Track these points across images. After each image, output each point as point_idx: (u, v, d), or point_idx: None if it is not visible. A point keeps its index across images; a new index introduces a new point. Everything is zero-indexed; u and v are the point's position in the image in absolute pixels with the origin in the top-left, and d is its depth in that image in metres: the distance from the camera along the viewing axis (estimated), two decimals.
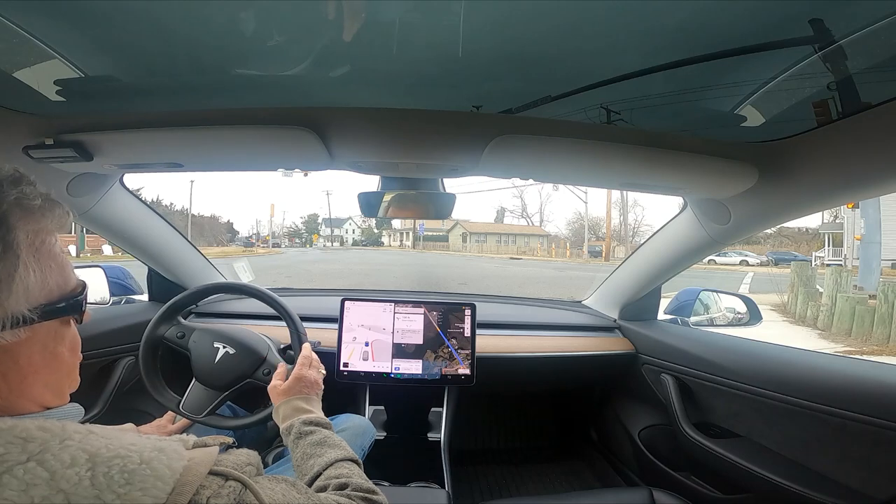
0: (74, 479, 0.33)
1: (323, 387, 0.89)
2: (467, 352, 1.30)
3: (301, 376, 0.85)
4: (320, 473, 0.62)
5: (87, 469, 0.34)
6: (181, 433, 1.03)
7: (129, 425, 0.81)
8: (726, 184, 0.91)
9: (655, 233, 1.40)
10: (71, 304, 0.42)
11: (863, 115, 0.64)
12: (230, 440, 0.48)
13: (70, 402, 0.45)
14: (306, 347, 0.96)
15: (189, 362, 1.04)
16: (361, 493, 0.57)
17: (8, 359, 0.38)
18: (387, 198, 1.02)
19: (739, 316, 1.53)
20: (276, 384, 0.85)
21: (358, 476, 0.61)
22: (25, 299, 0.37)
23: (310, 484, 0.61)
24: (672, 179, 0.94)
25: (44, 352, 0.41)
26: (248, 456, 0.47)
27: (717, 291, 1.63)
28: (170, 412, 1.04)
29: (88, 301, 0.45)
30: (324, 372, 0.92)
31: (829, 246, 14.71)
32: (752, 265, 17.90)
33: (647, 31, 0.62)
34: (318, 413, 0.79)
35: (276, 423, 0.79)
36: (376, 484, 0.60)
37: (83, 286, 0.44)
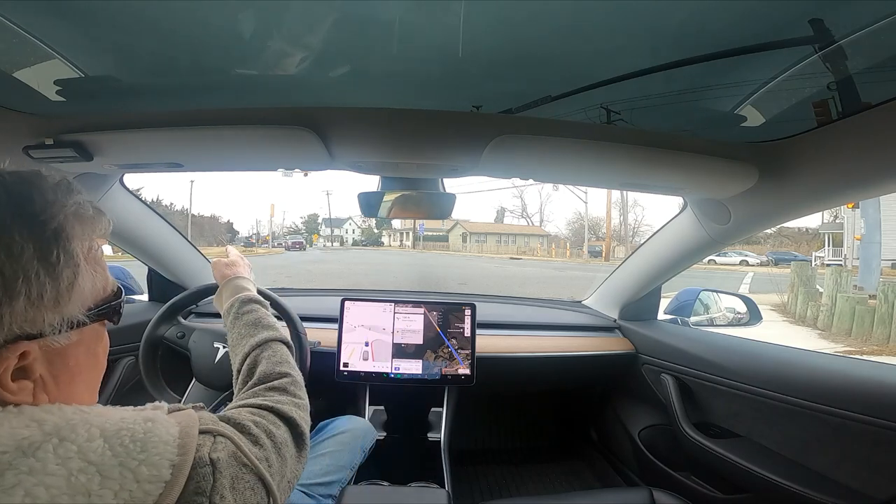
0: (98, 450, 0.35)
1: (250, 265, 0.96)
2: (467, 352, 1.30)
3: (239, 255, 0.94)
4: (249, 353, 0.66)
5: (103, 441, 0.36)
6: None
7: None
8: (726, 184, 0.91)
9: (655, 233, 1.40)
10: (113, 306, 0.44)
11: (863, 115, 0.64)
12: (200, 404, 0.50)
13: None
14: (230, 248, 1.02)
15: (189, 362, 1.04)
16: (269, 385, 0.59)
17: (60, 361, 0.40)
18: (387, 198, 1.02)
19: (739, 316, 1.53)
20: (217, 260, 0.92)
21: (275, 359, 0.65)
22: (81, 303, 0.40)
23: (240, 365, 0.66)
24: (672, 179, 0.94)
25: (88, 353, 0.43)
26: (213, 417, 0.48)
27: (717, 291, 1.63)
28: None
29: None
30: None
31: (829, 246, 14.71)
32: (752, 265, 17.90)
33: (647, 32, 0.62)
34: (254, 292, 0.84)
35: (218, 305, 0.85)
36: (376, 484, 0.60)
37: (120, 288, 0.46)
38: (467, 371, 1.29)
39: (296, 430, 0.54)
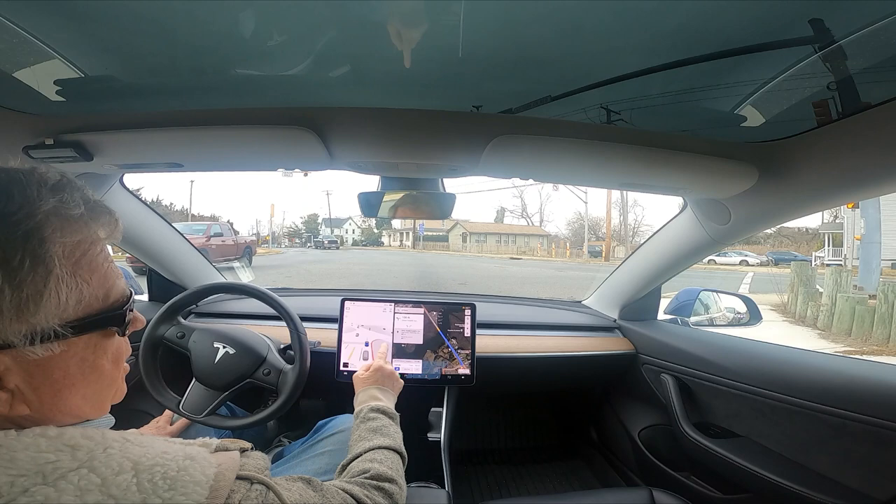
0: (123, 485, 0.34)
1: (402, 383, 1.01)
2: (467, 352, 1.30)
3: (379, 367, 0.98)
4: (360, 455, 0.67)
5: (133, 476, 0.35)
6: (179, 434, 1.03)
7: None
8: (726, 184, 0.91)
9: (655, 233, 1.40)
10: (111, 316, 0.40)
11: (863, 115, 0.64)
12: (248, 445, 0.49)
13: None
14: (383, 346, 1.13)
15: (189, 362, 1.04)
16: (373, 481, 0.59)
17: (40, 372, 0.36)
18: (387, 198, 1.02)
19: (739, 316, 1.53)
20: (359, 373, 0.97)
21: (388, 465, 0.65)
22: (57, 315, 0.35)
23: (348, 462, 0.67)
24: (672, 179, 0.93)
25: (82, 364, 0.39)
26: (263, 459, 0.48)
27: (717, 291, 1.62)
28: (167, 412, 1.04)
29: None
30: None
31: (829, 246, 14.71)
32: (752, 265, 17.91)
33: (647, 32, 0.62)
34: (388, 403, 0.88)
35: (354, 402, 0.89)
36: None
37: (128, 297, 0.42)
38: (467, 371, 1.29)
39: None
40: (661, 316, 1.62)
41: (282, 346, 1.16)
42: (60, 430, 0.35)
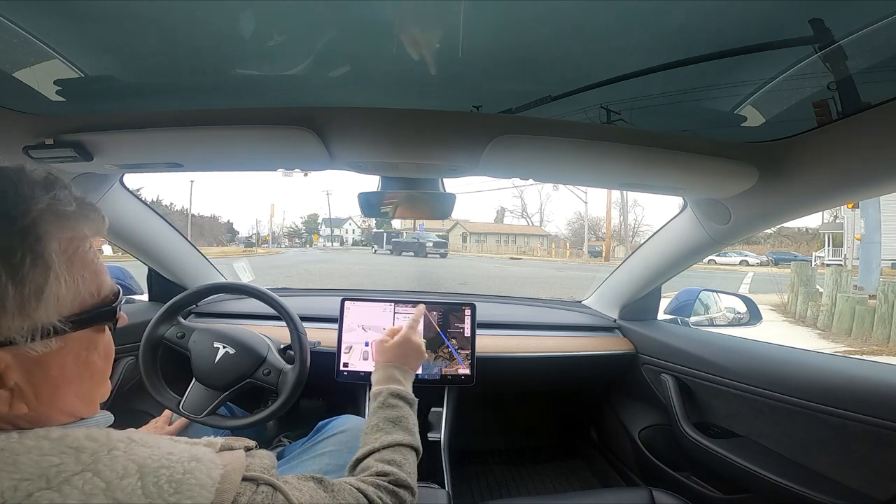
0: (128, 489, 0.34)
1: (426, 358, 0.91)
2: (467, 352, 1.30)
3: (408, 339, 0.86)
4: (376, 450, 0.63)
5: (138, 479, 0.35)
6: (178, 434, 1.03)
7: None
8: (726, 184, 0.91)
9: (655, 233, 1.40)
10: (104, 312, 0.41)
11: (863, 115, 0.64)
12: (253, 443, 0.49)
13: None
14: (419, 309, 0.96)
15: (189, 362, 1.04)
16: (391, 485, 0.57)
17: (38, 370, 0.36)
18: (387, 198, 1.02)
19: (739, 316, 1.53)
20: (384, 339, 0.86)
21: (407, 468, 0.62)
22: (56, 310, 0.36)
23: (364, 456, 0.63)
24: (672, 179, 0.93)
25: (77, 361, 0.39)
26: (269, 458, 0.47)
27: (717, 291, 1.62)
28: (166, 412, 1.04)
29: None
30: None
31: (829, 246, 14.71)
32: (752, 265, 17.91)
33: (647, 32, 0.62)
34: (408, 387, 0.79)
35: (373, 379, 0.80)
36: None
37: (118, 293, 0.43)
38: (467, 371, 1.29)
39: None
40: (661, 316, 1.62)
41: (282, 346, 1.16)
42: (63, 431, 0.35)
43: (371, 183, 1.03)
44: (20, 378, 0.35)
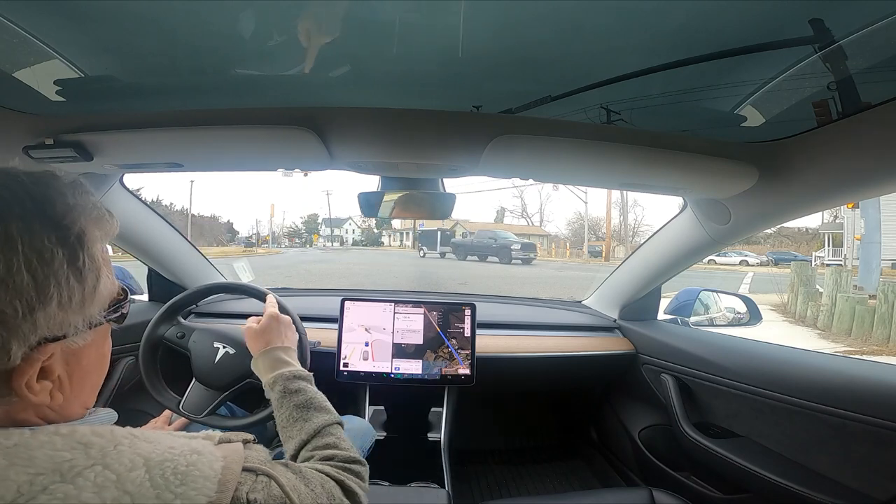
0: (137, 480, 0.35)
1: (297, 336, 0.89)
2: (467, 352, 1.30)
3: (273, 316, 0.84)
4: (307, 441, 0.62)
5: (145, 472, 0.36)
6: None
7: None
8: (726, 184, 0.91)
9: (655, 233, 1.40)
10: (120, 307, 0.44)
11: (863, 115, 0.64)
12: (251, 437, 0.50)
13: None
14: (270, 296, 0.94)
15: (189, 362, 1.04)
16: (345, 464, 0.58)
17: (75, 361, 0.40)
18: (387, 198, 1.02)
19: (739, 316, 1.53)
20: (250, 325, 0.83)
21: (345, 444, 0.63)
22: (101, 305, 0.40)
23: (297, 450, 0.62)
24: (672, 179, 0.93)
25: (97, 354, 0.43)
26: (265, 452, 0.49)
27: (717, 291, 1.62)
28: (166, 412, 1.04)
29: None
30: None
31: (829, 246, 14.72)
32: (752, 265, 17.90)
33: (647, 32, 0.62)
34: (298, 365, 0.77)
35: (257, 376, 0.78)
36: (377, 484, 0.60)
37: (125, 289, 0.46)
38: (467, 371, 1.29)
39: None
40: (661, 316, 1.62)
41: None
42: (72, 427, 0.37)
43: (371, 183, 1.03)
44: (62, 370, 0.38)
